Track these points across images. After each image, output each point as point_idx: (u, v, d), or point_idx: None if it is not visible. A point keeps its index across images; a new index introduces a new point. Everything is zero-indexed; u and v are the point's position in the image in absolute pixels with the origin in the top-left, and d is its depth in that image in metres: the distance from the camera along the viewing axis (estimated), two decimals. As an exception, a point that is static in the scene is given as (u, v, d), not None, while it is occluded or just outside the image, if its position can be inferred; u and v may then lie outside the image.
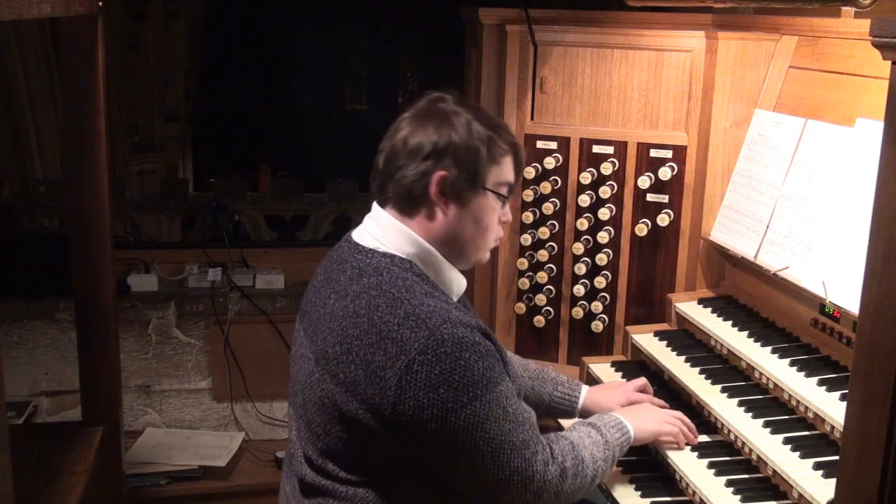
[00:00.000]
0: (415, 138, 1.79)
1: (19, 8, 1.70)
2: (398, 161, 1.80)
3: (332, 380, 1.74)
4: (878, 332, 1.30)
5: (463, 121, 1.80)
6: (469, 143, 1.79)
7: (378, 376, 1.67)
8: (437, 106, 1.84)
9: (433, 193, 1.79)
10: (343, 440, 1.76)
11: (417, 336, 1.66)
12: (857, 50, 2.29)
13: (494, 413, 1.70)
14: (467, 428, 1.68)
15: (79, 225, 2.73)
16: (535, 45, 2.76)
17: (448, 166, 1.77)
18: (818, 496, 1.76)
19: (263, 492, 3.56)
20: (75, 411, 3.43)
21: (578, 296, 2.80)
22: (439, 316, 1.69)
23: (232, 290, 3.84)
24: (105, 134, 2.67)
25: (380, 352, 1.67)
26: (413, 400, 1.65)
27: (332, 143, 11.65)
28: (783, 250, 2.33)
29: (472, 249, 1.87)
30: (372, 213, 1.88)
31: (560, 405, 2.26)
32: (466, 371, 1.66)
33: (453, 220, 1.81)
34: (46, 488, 2.36)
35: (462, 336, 1.68)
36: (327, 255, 1.96)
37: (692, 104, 2.63)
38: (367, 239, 1.84)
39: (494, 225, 1.88)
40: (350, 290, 1.77)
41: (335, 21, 12.21)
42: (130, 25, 8.63)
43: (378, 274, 1.76)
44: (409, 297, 1.71)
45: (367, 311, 1.71)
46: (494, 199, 1.85)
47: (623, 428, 2.02)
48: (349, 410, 1.72)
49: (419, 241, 1.81)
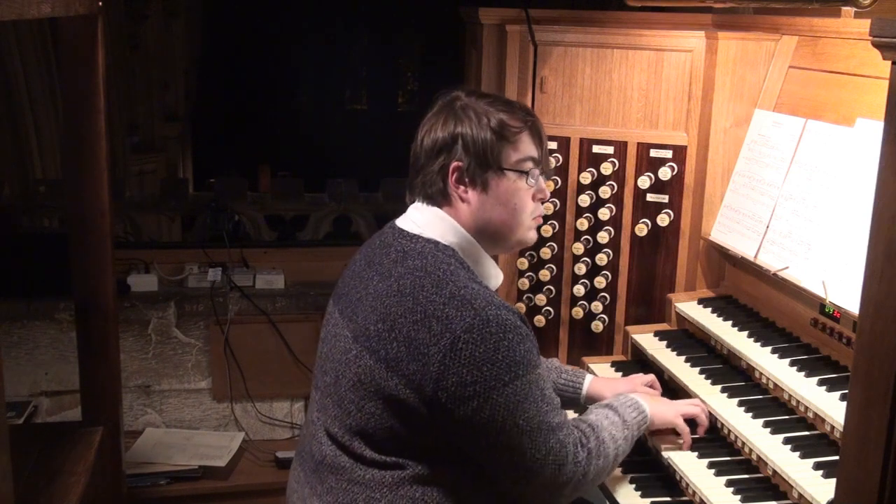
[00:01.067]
0: (429, 137, 1.88)
1: (19, 8, 1.70)
2: (419, 162, 1.90)
3: (372, 356, 1.77)
4: (878, 332, 1.30)
5: (470, 111, 1.86)
6: (476, 129, 1.85)
7: (421, 353, 1.71)
8: (448, 104, 1.90)
9: (451, 183, 1.86)
10: (376, 417, 1.78)
11: (463, 315, 1.70)
12: (857, 50, 2.29)
13: (533, 394, 1.74)
14: (508, 406, 1.71)
15: (79, 225, 2.73)
16: (535, 45, 2.76)
17: (460, 156, 1.85)
18: (818, 496, 1.76)
19: (263, 492, 3.56)
20: (75, 411, 3.43)
21: (578, 296, 2.80)
22: (484, 298, 1.74)
23: (232, 290, 3.84)
24: (105, 134, 2.67)
25: (424, 329, 1.71)
26: (456, 377, 1.69)
27: (332, 143, 11.66)
28: (783, 250, 2.33)
29: (507, 231, 1.91)
30: (415, 204, 1.94)
31: (564, 392, 2.27)
32: (510, 351, 1.71)
33: (477, 206, 1.87)
34: (46, 488, 2.36)
35: (506, 318, 1.72)
36: (366, 242, 2.01)
37: (692, 104, 2.63)
38: (411, 226, 1.89)
39: (527, 203, 1.91)
40: (394, 271, 1.81)
41: (335, 21, 12.22)
42: (130, 25, 8.64)
43: (423, 257, 1.81)
44: (454, 279, 1.76)
45: (412, 291, 1.75)
46: (517, 176, 1.88)
47: (640, 407, 2.06)
48: (388, 387, 1.74)
49: (460, 229, 1.87)
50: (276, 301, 3.87)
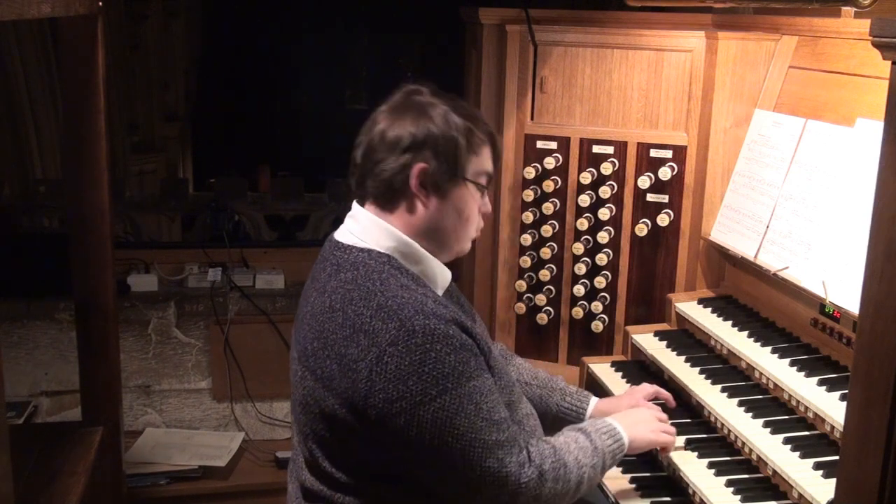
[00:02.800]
0: (393, 131, 1.77)
1: (19, 8, 1.70)
2: (377, 155, 1.79)
3: (311, 376, 1.74)
4: (878, 332, 1.30)
5: (440, 112, 1.78)
6: (447, 134, 1.77)
7: (351, 369, 1.66)
8: (414, 98, 1.82)
9: (414, 186, 1.78)
10: (326, 439, 1.76)
11: (388, 327, 1.65)
12: (857, 50, 2.29)
13: (465, 408, 1.66)
14: (436, 422, 1.64)
15: (79, 225, 2.73)
16: (535, 45, 2.76)
17: (428, 158, 1.76)
18: (818, 496, 1.76)
19: (263, 492, 3.56)
20: (75, 411, 3.43)
21: (578, 296, 2.80)
22: (412, 307, 1.67)
23: (232, 290, 3.84)
24: (105, 134, 2.67)
25: (353, 345, 1.67)
26: (383, 392, 1.63)
27: (332, 143, 11.60)
28: (783, 250, 2.33)
29: (454, 240, 1.87)
30: (352, 211, 1.87)
31: (567, 415, 2.20)
32: (437, 363, 1.64)
33: (435, 213, 1.81)
34: (46, 488, 2.36)
35: (434, 327, 1.65)
36: None
37: (692, 104, 2.63)
38: (347, 236, 1.83)
39: (475, 215, 1.87)
40: (328, 286, 1.77)
41: (335, 21, 12.21)
42: (130, 25, 8.63)
43: (354, 269, 1.75)
44: (384, 289, 1.70)
45: (342, 305, 1.71)
46: (474, 189, 1.84)
47: (616, 435, 1.95)
48: (327, 406, 1.71)
49: (398, 234, 1.80)
50: (276, 301, 3.87)
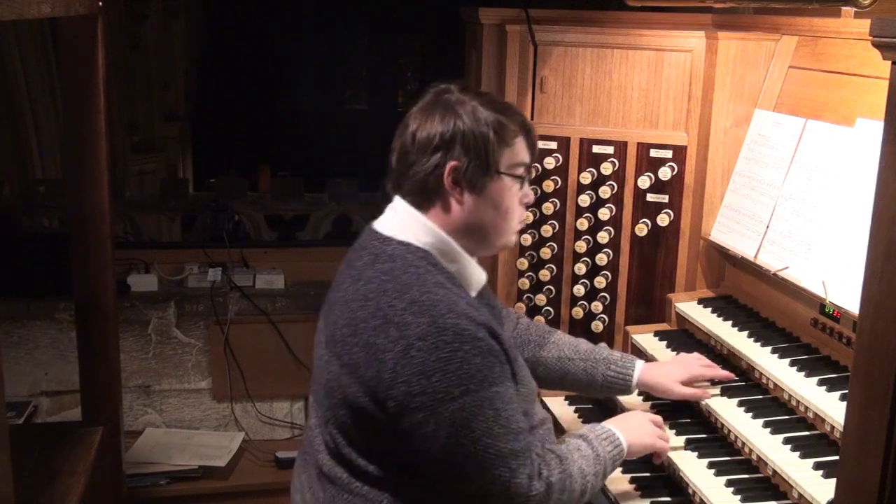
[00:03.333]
0: (422, 132, 1.79)
1: (19, 8, 1.70)
2: (409, 157, 1.81)
3: (337, 361, 1.74)
4: (878, 332, 1.30)
5: (468, 108, 1.79)
6: (476, 129, 1.78)
7: (377, 359, 1.67)
8: (442, 97, 1.83)
9: (447, 184, 1.79)
10: (348, 425, 1.76)
11: (419, 322, 1.65)
12: (857, 50, 2.29)
13: (485, 413, 1.66)
14: (454, 422, 1.64)
15: (79, 225, 2.73)
16: (535, 45, 2.76)
17: (458, 155, 1.77)
18: (818, 496, 1.76)
19: (263, 492, 3.56)
20: (75, 411, 3.43)
21: (578, 296, 2.80)
22: (445, 305, 1.68)
23: (232, 290, 3.84)
24: (105, 134, 2.67)
25: (382, 335, 1.67)
26: (405, 385, 1.64)
27: (332, 143, 11.65)
28: (783, 250, 2.33)
29: (495, 235, 1.87)
30: (393, 203, 1.88)
31: (615, 384, 2.20)
32: (463, 363, 1.64)
33: (471, 209, 1.81)
34: (46, 488, 2.36)
35: (464, 328, 1.66)
36: (351, 246, 1.97)
37: (692, 104, 2.63)
38: (386, 227, 1.84)
39: (516, 207, 1.87)
40: (364, 274, 1.77)
41: (335, 21, 12.21)
42: (130, 25, 8.63)
43: (392, 260, 1.76)
44: (419, 283, 1.71)
45: (376, 295, 1.71)
46: (511, 181, 1.84)
47: (615, 440, 1.96)
48: (350, 393, 1.72)
49: (437, 231, 1.81)
50: (276, 301, 3.87)
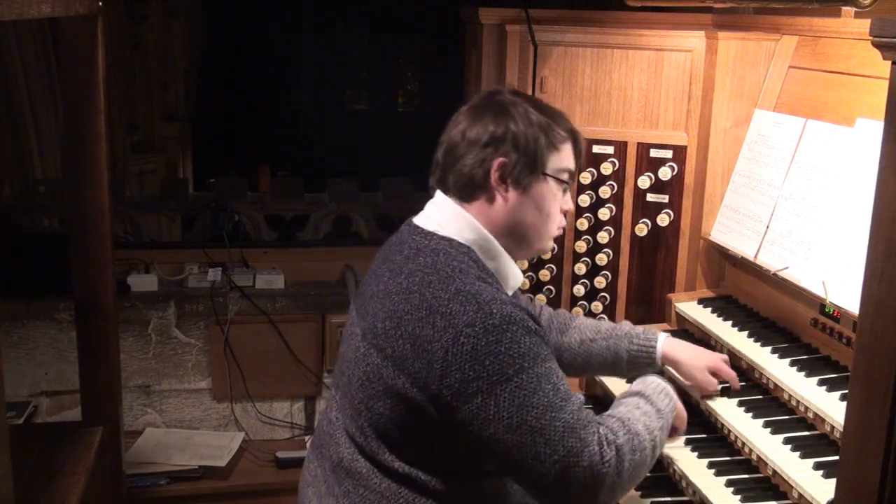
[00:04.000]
0: (473, 129, 1.81)
1: (19, 8, 1.70)
2: (458, 151, 1.82)
3: (379, 354, 1.73)
4: (878, 332, 1.30)
5: (521, 110, 1.82)
6: (528, 129, 1.80)
7: (425, 350, 1.66)
8: (495, 98, 1.85)
9: (494, 179, 1.80)
10: (385, 417, 1.74)
11: (466, 310, 1.66)
12: (857, 50, 2.29)
13: (543, 387, 1.65)
14: (514, 401, 1.63)
15: (79, 225, 2.73)
16: (535, 45, 2.76)
17: (508, 152, 1.79)
18: (818, 496, 1.76)
19: (263, 492, 3.56)
20: (75, 411, 3.43)
21: (578, 296, 2.80)
22: (489, 294, 1.69)
23: (232, 290, 3.84)
24: (105, 134, 2.67)
25: (428, 325, 1.67)
26: (459, 372, 1.63)
27: (332, 143, 11.66)
28: (783, 250, 2.33)
29: (535, 237, 1.88)
30: (434, 199, 1.89)
31: (639, 358, 2.19)
32: (513, 343, 1.64)
33: (515, 207, 1.82)
34: (46, 488, 2.36)
35: (510, 312, 1.67)
36: (387, 241, 1.96)
37: (692, 104, 2.63)
38: (428, 223, 1.85)
39: (556, 213, 1.88)
40: (405, 268, 1.77)
41: (335, 21, 12.22)
42: (130, 25, 8.63)
43: (434, 255, 1.77)
44: (463, 276, 1.72)
45: (419, 288, 1.71)
46: (555, 185, 1.85)
47: (670, 394, 1.95)
48: (395, 385, 1.71)
49: (479, 227, 1.82)
50: (276, 301, 3.87)
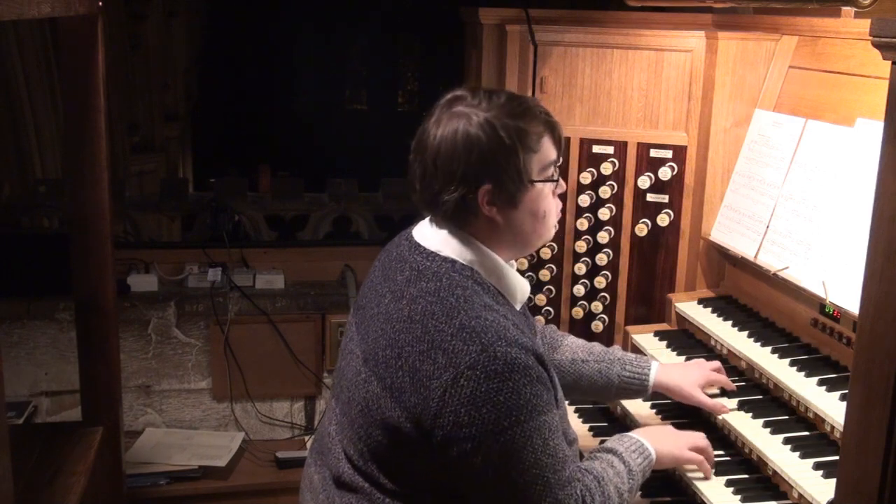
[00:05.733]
0: (443, 159, 1.71)
1: (19, 8, 1.70)
2: (435, 185, 1.73)
3: (379, 383, 1.69)
4: (878, 332, 1.30)
5: (486, 125, 1.70)
6: (499, 146, 1.70)
7: (423, 385, 1.62)
8: (456, 108, 1.74)
9: (483, 208, 1.73)
10: (383, 446, 1.71)
11: (469, 349, 1.60)
12: (857, 50, 2.29)
13: (534, 443, 1.62)
14: (503, 454, 1.60)
15: (79, 225, 2.73)
16: (535, 45, 2.76)
17: (489, 179, 1.71)
18: (818, 496, 1.76)
19: (263, 492, 3.56)
20: (75, 411, 3.43)
21: (578, 296, 2.80)
22: (495, 332, 1.63)
23: (232, 290, 3.84)
24: (105, 134, 2.67)
25: (429, 361, 1.62)
26: (453, 415, 1.59)
27: (332, 143, 11.67)
28: (783, 250, 2.33)
29: (536, 238, 1.83)
30: (429, 218, 1.83)
31: (630, 385, 2.17)
32: (513, 394, 1.59)
33: (510, 222, 1.77)
34: (46, 488, 2.36)
35: (515, 357, 1.61)
36: (384, 248, 1.91)
37: (692, 104, 2.63)
38: (430, 242, 1.78)
39: (552, 206, 1.82)
40: (407, 292, 1.72)
41: (335, 21, 12.22)
42: (130, 25, 8.64)
43: (437, 279, 1.70)
44: (467, 307, 1.66)
45: (422, 318, 1.66)
46: (543, 185, 1.79)
47: (645, 451, 1.92)
48: (391, 417, 1.67)
49: (479, 246, 1.76)
50: (276, 301, 3.86)
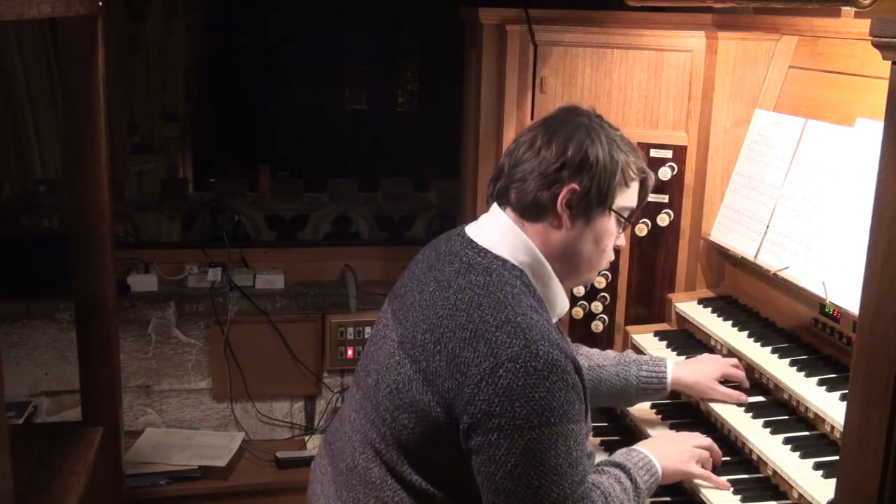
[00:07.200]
0: (550, 148, 1.75)
1: (19, 8, 1.70)
2: (526, 167, 1.76)
3: (413, 366, 1.69)
4: (878, 332, 1.30)
5: (604, 138, 1.77)
6: (607, 161, 1.75)
7: (460, 372, 1.62)
8: (575, 118, 1.80)
9: (560, 205, 1.75)
10: (408, 430, 1.70)
11: (513, 343, 1.60)
12: (857, 50, 2.29)
13: (558, 448, 1.61)
14: (526, 451, 1.59)
15: (79, 225, 2.73)
16: (535, 45, 2.76)
17: (581, 180, 1.74)
18: (818, 496, 1.76)
19: (263, 492, 3.56)
20: (75, 411, 3.43)
21: (578, 296, 2.80)
22: (539, 331, 1.64)
23: (232, 290, 3.84)
24: (105, 134, 2.67)
25: (469, 348, 1.62)
26: (485, 403, 1.59)
27: (332, 143, 11.67)
28: (783, 250, 2.33)
29: (585, 268, 1.84)
30: (490, 213, 1.84)
31: (650, 385, 2.19)
32: (548, 394, 1.59)
33: (575, 235, 1.78)
34: (46, 488, 2.36)
35: (556, 359, 1.61)
36: (430, 244, 1.92)
37: (692, 104, 2.63)
38: (483, 238, 1.79)
39: (610, 248, 1.85)
40: (455, 282, 1.72)
41: (335, 21, 12.22)
42: (130, 25, 8.64)
43: (487, 274, 1.72)
44: (514, 304, 1.67)
45: (468, 307, 1.67)
46: (616, 221, 1.81)
47: (652, 468, 1.90)
48: (422, 401, 1.67)
49: (534, 250, 1.77)
50: (276, 301, 3.87)
